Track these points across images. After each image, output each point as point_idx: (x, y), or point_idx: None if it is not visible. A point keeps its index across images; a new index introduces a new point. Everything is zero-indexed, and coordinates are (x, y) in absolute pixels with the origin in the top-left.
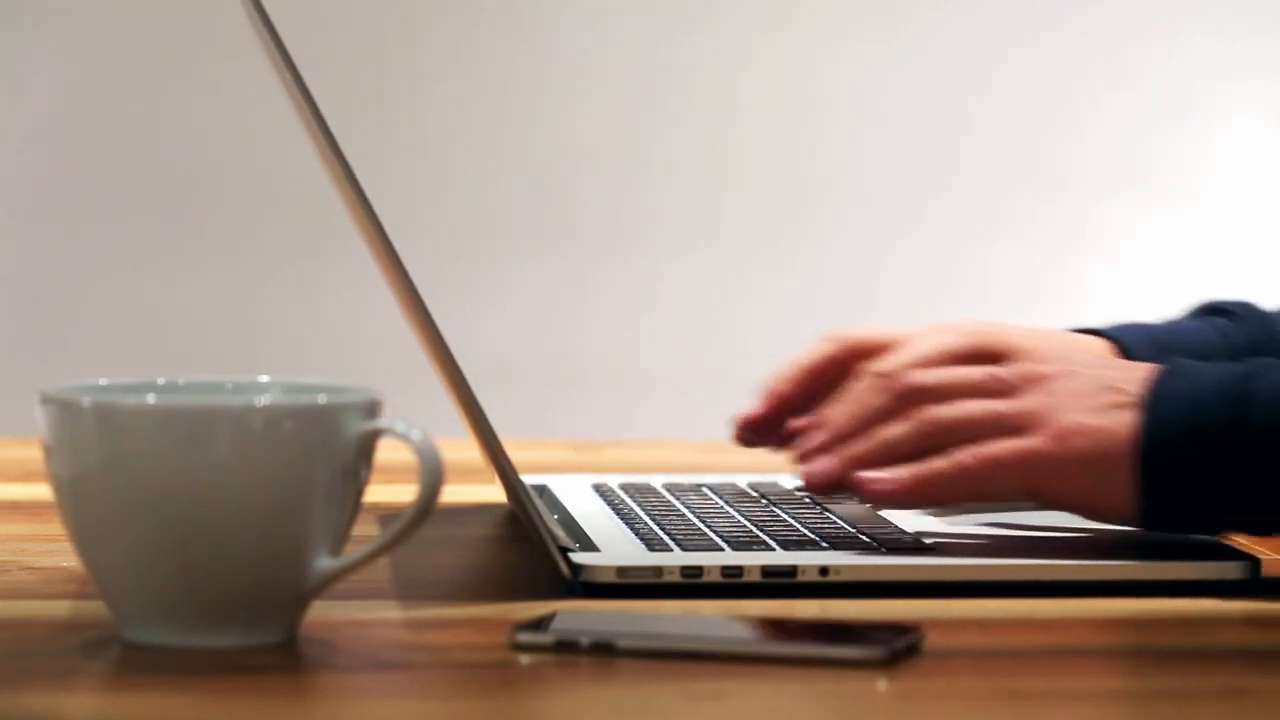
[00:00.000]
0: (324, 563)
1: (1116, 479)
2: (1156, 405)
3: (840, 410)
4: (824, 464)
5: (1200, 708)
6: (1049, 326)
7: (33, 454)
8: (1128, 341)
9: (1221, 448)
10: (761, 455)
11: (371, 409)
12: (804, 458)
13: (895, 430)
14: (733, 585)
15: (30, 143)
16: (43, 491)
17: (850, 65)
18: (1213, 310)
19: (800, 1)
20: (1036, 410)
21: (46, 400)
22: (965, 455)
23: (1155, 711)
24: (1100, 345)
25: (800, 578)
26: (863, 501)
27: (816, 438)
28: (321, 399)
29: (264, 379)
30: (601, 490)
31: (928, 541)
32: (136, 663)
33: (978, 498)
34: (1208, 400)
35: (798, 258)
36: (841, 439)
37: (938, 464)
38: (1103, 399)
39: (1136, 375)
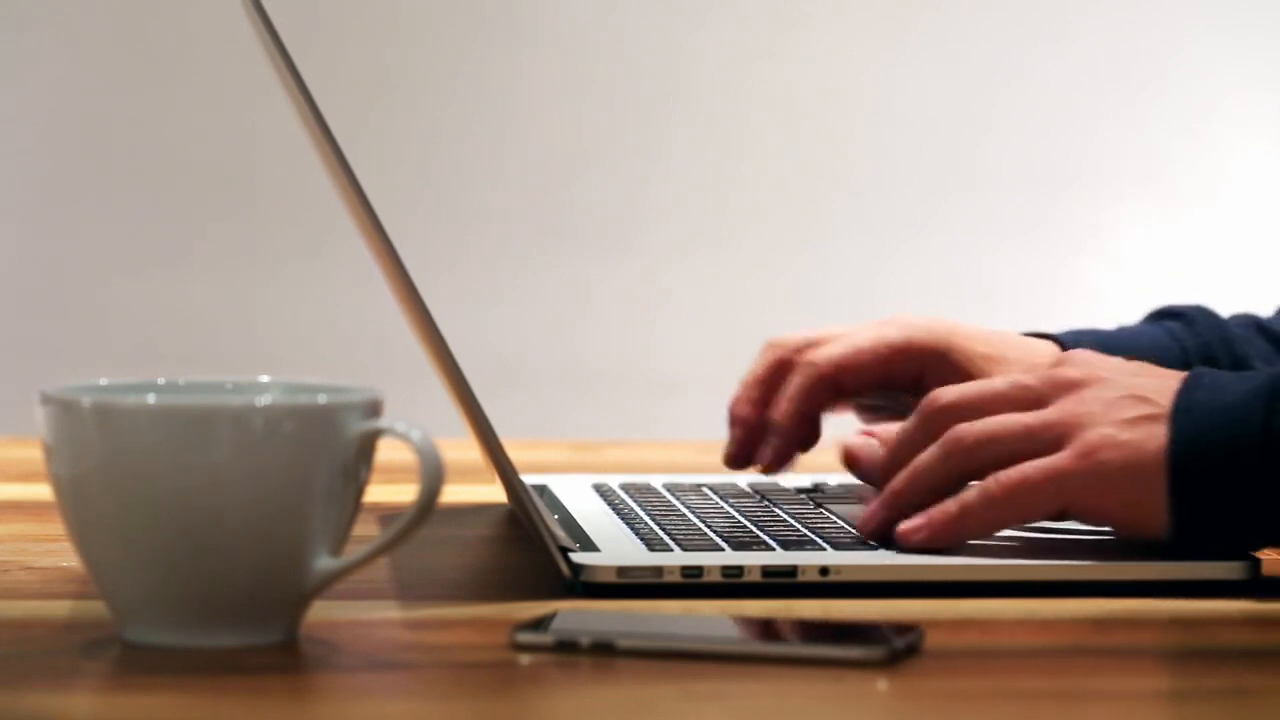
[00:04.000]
0: (324, 563)
1: (1149, 494)
2: (1182, 418)
3: (890, 453)
4: (869, 510)
5: (1200, 708)
6: (1003, 328)
7: (33, 454)
8: (1072, 343)
9: (1248, 460)
10: None
11: (371, 409)
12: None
13: (925, 458)
14: (733, 585)
15: (31, 143)
16: (43, 491)
17: (855, 66)
18: (1165, 315)
19: (805, 2)
20: (1066, 421)
21: (46, 400)
22: (992, 483)
23: (1155, 711)
24: (1049, 349)
25: (800, 578)
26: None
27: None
28: (321, 399)
29: (264, 379)
30: (601, 490)
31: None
32: (136, 663)
33: (1012, 523)
34: (1233, 412)
35: (798, 258)
36: (887, 478)
37: (967, 498)
38: (1133, 410)
39: (1167, 385)
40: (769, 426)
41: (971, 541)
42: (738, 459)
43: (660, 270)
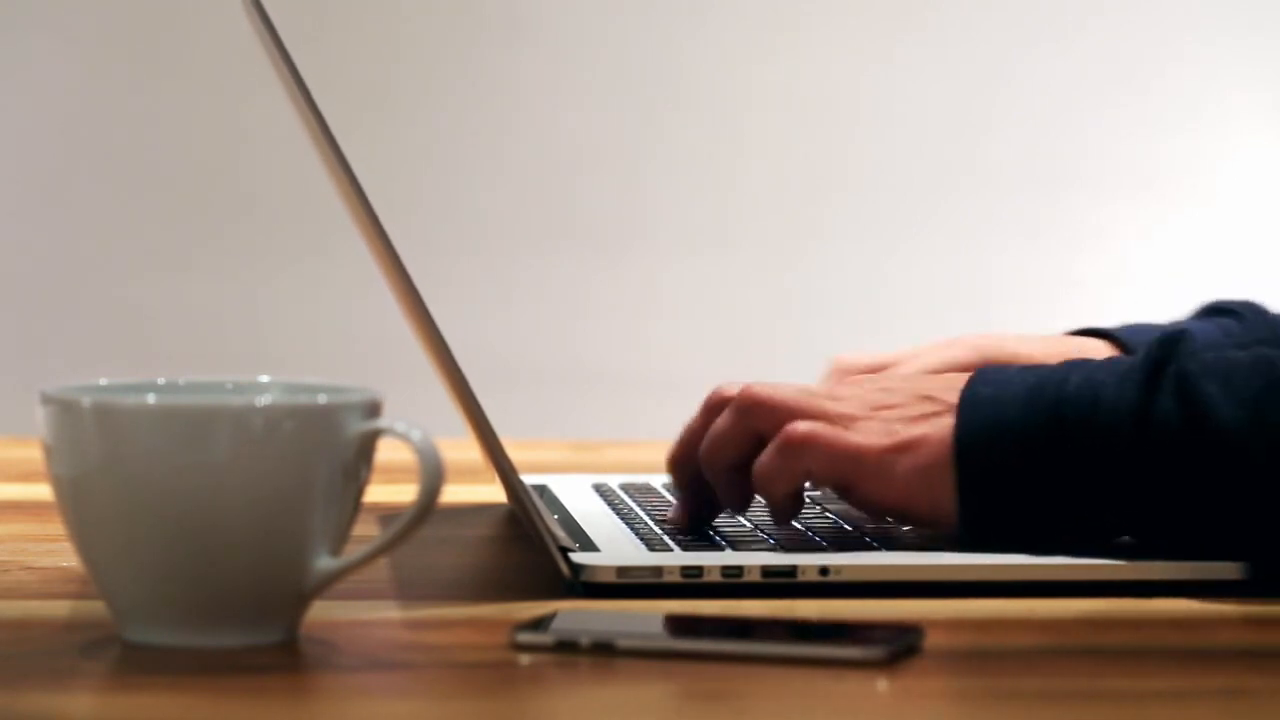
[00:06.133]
0: (324, 563)
1: (936, 483)
2: (965, 409)
3: (680, 442)
4: (678, 502)
5: (1200, 708)
6: (1051, 332)
7: (33, 454)
8: (1133, 342)
9: (1028, 449)
10: None
11: (371, 409)
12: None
13: (720, 422)
14: (733, 585)
15: (32, 143)
16: (43, 491)
17: (855, 67)
18: (1219, 310)
19: (805, 3)
20: (857, 414)
21: (46, 400)
22: (789, 431)
23: (1155, 711)
24: (1104, 348)
25: (800, 578)
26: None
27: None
28: (321, 399)
29: (264, 379)
30: (601, 490)
31: (927, 541)
32: (136, 663)
33: (797, 476)
34: (1014, 403)
35: (799, 259)
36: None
37: (766, 451)
38: (919, 408)
39: (953, 384)
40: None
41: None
42: None
43: (660, 270)
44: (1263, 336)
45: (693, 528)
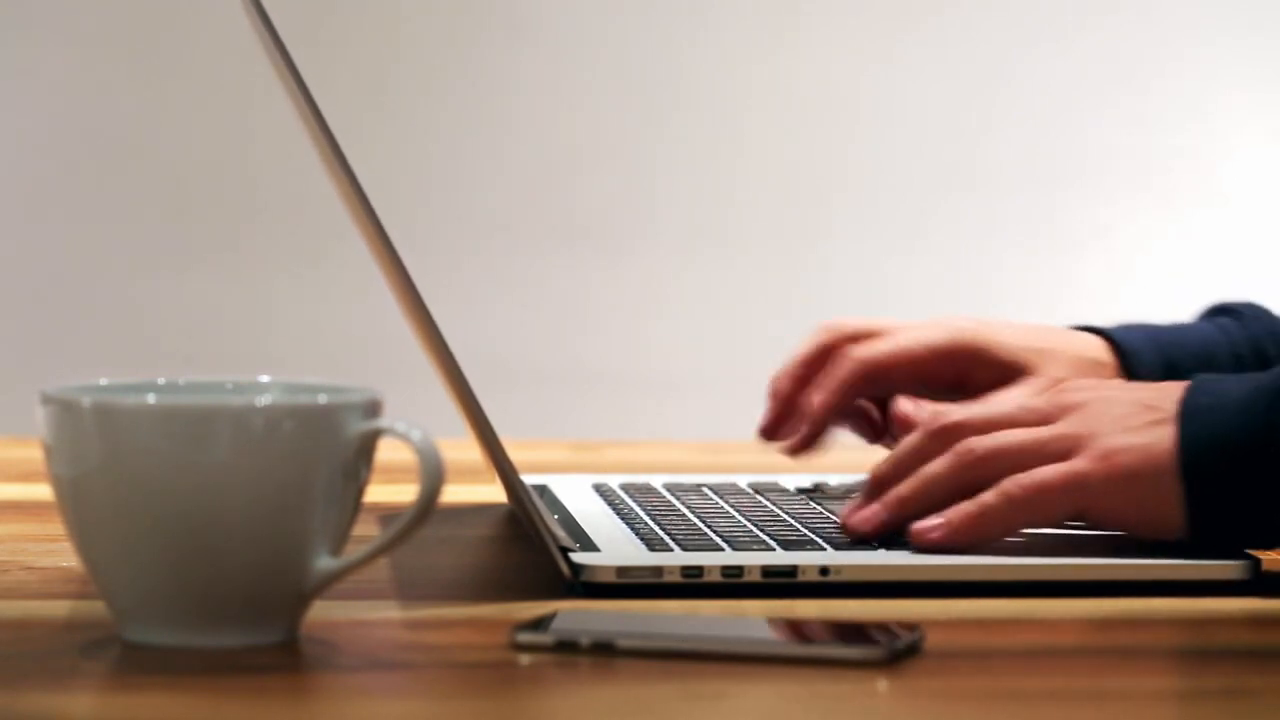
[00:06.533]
0: (324, 563)
1: (1164, 494)
2: (1189, 419)
3: (884, 461)
4: (868, 511)
5: (1200, 708)
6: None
7: (33, 454)
8: (1127, 341)
9: (1256, 459)
10: (761, 455)
11: (371, 409)
12: (851, 511)
13: (935, 466)
14: (733, 585)
15: (32, 143)
16: (43, 491)
17: (856, 67)
18: (1220, 311)
19: (807, 3)
20: (1077, 433)
21: (46, 400)
22: (1010, 485)
23: (1155, 711)
24: (1098, 344)
25: (800, 578)
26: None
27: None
28: (321, 399)
29: (264, 379)
30: (601, 490)
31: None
32: (136, 663)
33: (1029, 526)
34: (1239, 413)
35: (799, 259)
36: (885, 486)
37: (986, 498)
38: (1141, 417)
39: (1170, 393)
40: (802, 410)
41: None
42: (770, 431)
43: (660, 270)
44: (1260, 336)
45: (868, 538)
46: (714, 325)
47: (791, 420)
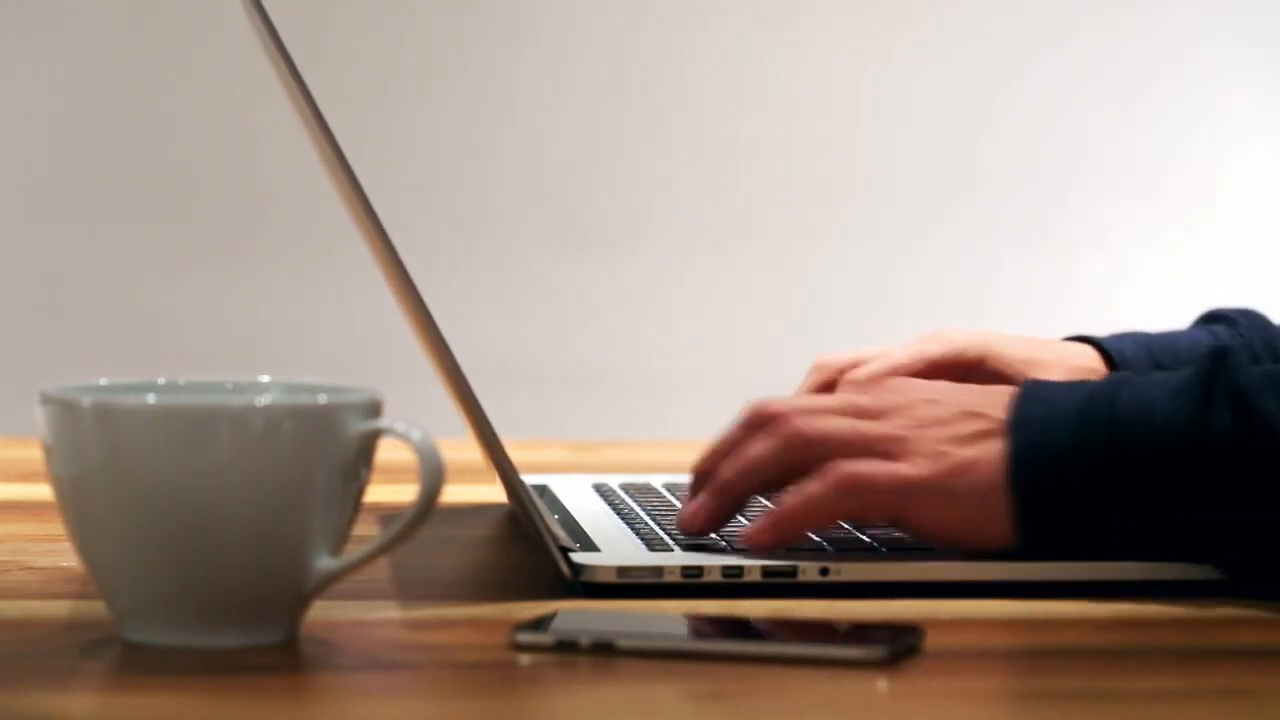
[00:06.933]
0: (324, 563)
1: (992, 509)
2: (1019, 431)
3: (702, 454)
4: (695, 504)
5: (1200, 708)
6: (1044, 335)
7: (33, 454)
8: (1120, 350)
9: (1084, 470)
10: None
11: (371, 409)
12: (681, 511)
13: (757, 448)
14: (733, 585)
15: (32, 143)
16: (43, 491)
17: (856, 68)
18: (1215, 318)
19: (808, 5)
20: (905, 436)
21: (46, 400)
22: (835, 471)
23: (1155, 711)
24: (1091, 354)
25: (800, 578)
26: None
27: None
28: (322, 399)
29: (264, 379)
30: (601, 490)
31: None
32: (136, 663)
33: (851, 517)
34: (1068, 423)
35: (799, 260)
36: (707, 478)
37: (809, 488)
38: (968, 426)
39: (997, 400)
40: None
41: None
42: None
43: (661, 271)
44: (1254, 343)
45: (704, 533)
46: (714, 325)
47: None
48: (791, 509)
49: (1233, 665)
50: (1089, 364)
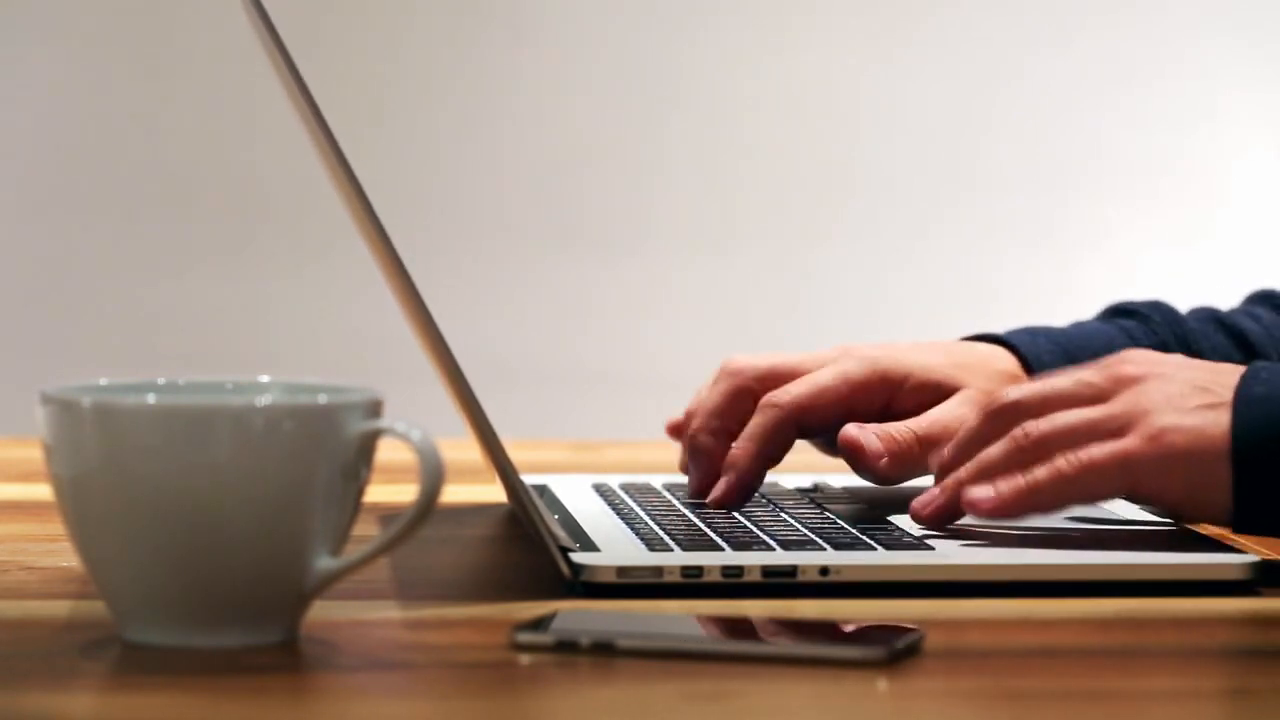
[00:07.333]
0: (324, 563)
1: (1213, 478)
2: (1243, 406)
3: (947, 448)
4: (927, 496)
5: (1200, 708)
6: (943, 338)
7: (33, 454)
8: (1027, 348)
9: None
10: None
11: (371, 409)
12: (917, 501)
13: (993, 451)
14: (733, 585)
15: (31, 143)
16: (43, 491)
17: (857, 67)
18: (1121, 311)
19: (808, 5)
20: (1131, 412)
21: (46, 400)
22: (1062, 462)
23: (1155, 711)
24: (1002, 354)
25: (800, 578)
26: (976, 519)
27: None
28: (322, 399)
29: (264, 379)
30: (601, 490)
31: (929, 541)
32: (136, 663)
33: (1080, 502)
34: None
35: (800, 260)
36: (947, 472)
37: (1038, 474)
38: (1195, 399)
39: (1226, 377)
40: (729, 463)
41: (961, 540)
42: (705, 492)
43: (661, 271)
44: (1165, 338)
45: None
46: (714, 326)
47: (717, 475)
48: (1017, 492)
49: (1233, 665)
50: (1007, 368)
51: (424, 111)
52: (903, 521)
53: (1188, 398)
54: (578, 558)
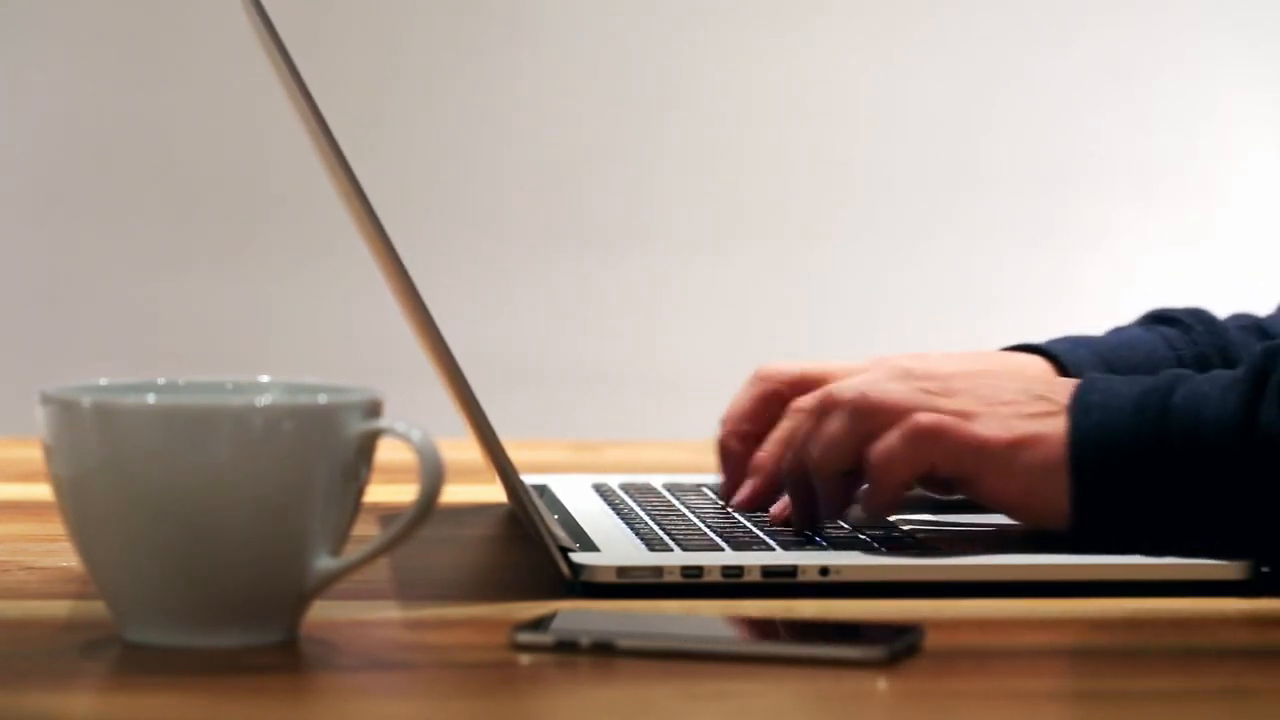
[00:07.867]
0: (324, 563)
1: (1052, 483)
2: (1080, 414)
3: (764, 445)
4: (780, 502)
5: (1200, 708)
6: (1042, 336)
7: (33, 454)
8: (1068, 356)
9: (1141, 460)
10: None
11: (371, 409)
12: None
13: (833, 425)
14: (733, 585)
15: (32, 143)
16: (43, 491)
17: (857, 67)
18: (1161, 319)
19: (808, 5)
20: (974, 409)
21: (46, 400)
22: (912, 422)
23: (1155, 711)
24: (1039, 363)
25: (800, 578)
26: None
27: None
28: (321, 399)
29: (264, 379)
30: (601, 490)
31: (929, 541)
32: (136, 663)
33: (925, 467)
34: (1122, 413)
35: (800, 260)
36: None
37: (889, 439)
38: (1033, 406)
39: (1061, 388)
40: (754, 467)
41: (961, 540)
42: (731, 496)
43: (661, 271)
44: (1205, 346)
45: (808, 526)
46: (714, 325)
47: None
48: (877, 464)
49: (1233, 665)
50: (1042, 375)
51: (424, 112)
52: (903, 522)
53: (1024, 404)
54: (578, 558)
